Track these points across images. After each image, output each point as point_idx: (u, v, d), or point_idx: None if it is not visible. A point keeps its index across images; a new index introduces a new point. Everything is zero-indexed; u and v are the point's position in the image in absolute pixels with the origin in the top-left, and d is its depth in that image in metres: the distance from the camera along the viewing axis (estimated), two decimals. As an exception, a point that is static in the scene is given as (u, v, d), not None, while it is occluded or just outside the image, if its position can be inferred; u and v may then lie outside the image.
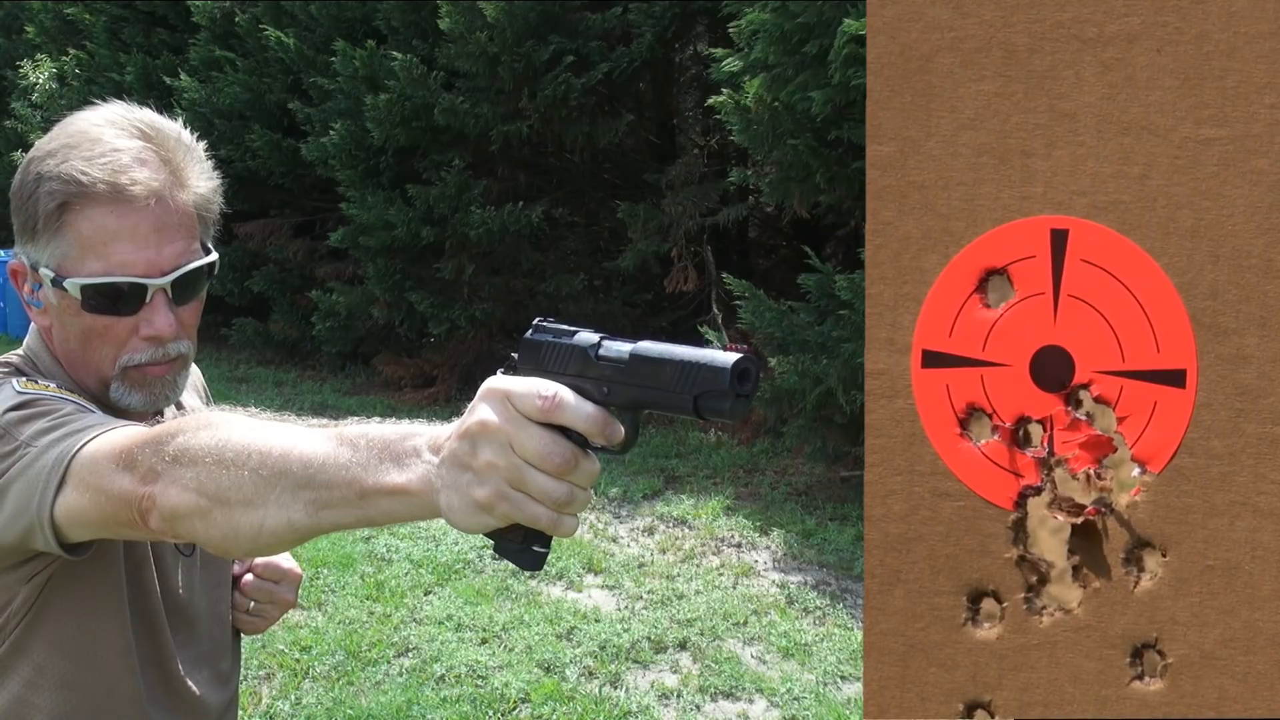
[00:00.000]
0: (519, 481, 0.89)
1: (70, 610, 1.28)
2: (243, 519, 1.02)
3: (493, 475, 0.89)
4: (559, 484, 0.90)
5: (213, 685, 1.44)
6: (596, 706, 4.09)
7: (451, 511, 0.92)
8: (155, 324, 1.28)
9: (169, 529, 1.08)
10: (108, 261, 1.26)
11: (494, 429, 0.90)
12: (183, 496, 1.04)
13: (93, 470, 1.12)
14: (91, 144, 1.27)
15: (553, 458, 0.89)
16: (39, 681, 1.28)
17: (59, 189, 1.25)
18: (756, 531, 5.92)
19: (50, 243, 1.27)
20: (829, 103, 5.65)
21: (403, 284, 8.83)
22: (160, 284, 1.28)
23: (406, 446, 0.96)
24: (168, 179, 1.29)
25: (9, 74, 13.10)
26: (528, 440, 0.89)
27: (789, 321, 6.13)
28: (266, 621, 1.58)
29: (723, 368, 0.87)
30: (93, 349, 1.30)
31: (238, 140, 9.61)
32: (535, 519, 0.91)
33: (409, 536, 5.73)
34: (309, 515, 0.99)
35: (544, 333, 1.00)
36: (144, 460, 1.08)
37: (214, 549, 1.09)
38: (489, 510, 0.90)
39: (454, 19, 8.10)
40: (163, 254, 1.28)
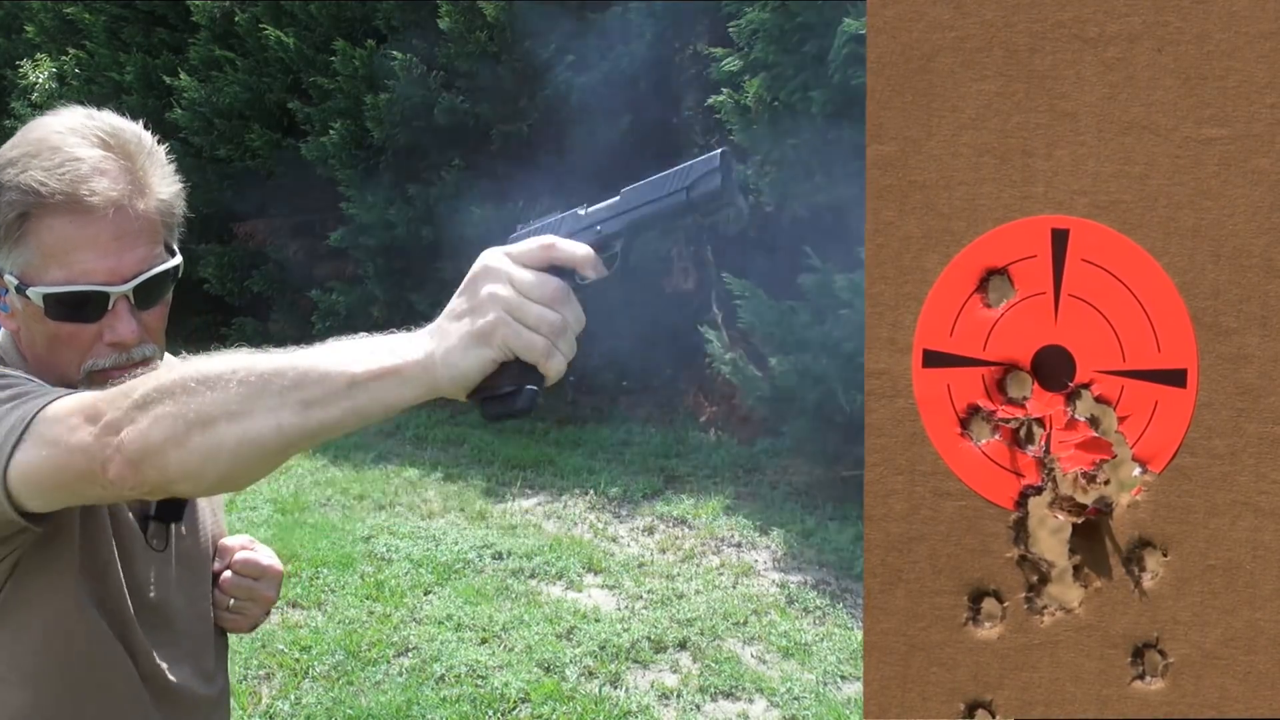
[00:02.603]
0: (518, 308, 0.97)
1: (35, 604, 1.28)
2: (226, 432, 1.02)
3: (493, 305, 0.97)
4: (554, 312, 0.98)
5: (196, 682, 1.44)
6: (596, 706, 4.09)
7: (449, 355, 0.97)
8: (118, 330, 1.29)
9: (132, 474, 1.07)
10: (70, 270, 1.27)
11: (494, 269, 0.99)
12: (155, 429, 1.04)
13: (53, 425, 1.12)
14: (51, 152, 1.27)
15: (546, 286, 0.98)
16: (9, 677, 1.28)
17: (18, 199, 1.26)
18: (756, 531, 5.92)
19: (13, 251, 1.28)
20: (829, 102, 5.64)
21: (402, 284, 8.83)
22: (122, 290, 1.29)
23: (399, 337, 1.02)
24: (127, 187, 1.29)
25: (9, 74, 13.09)
26: (524, 275, 0.98)
27: (789, 321, 6.13)
28: (249, 619, 1.57)
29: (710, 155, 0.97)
30: (58, 354, 1.31)
31: (237, 140, 9.61)
32: (532, 345, 0.97)
33: (409, 536, 5.73)
34: (298, 414, 1.00)
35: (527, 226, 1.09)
36: (108, 409, 1.08)
37: (187, 479, 1.07)
38: (488, 340, 0.97)
39: (454, 19, 8.09)
40: (124, 261, 1.28)
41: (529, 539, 5.76)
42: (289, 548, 5.45)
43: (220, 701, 1.51)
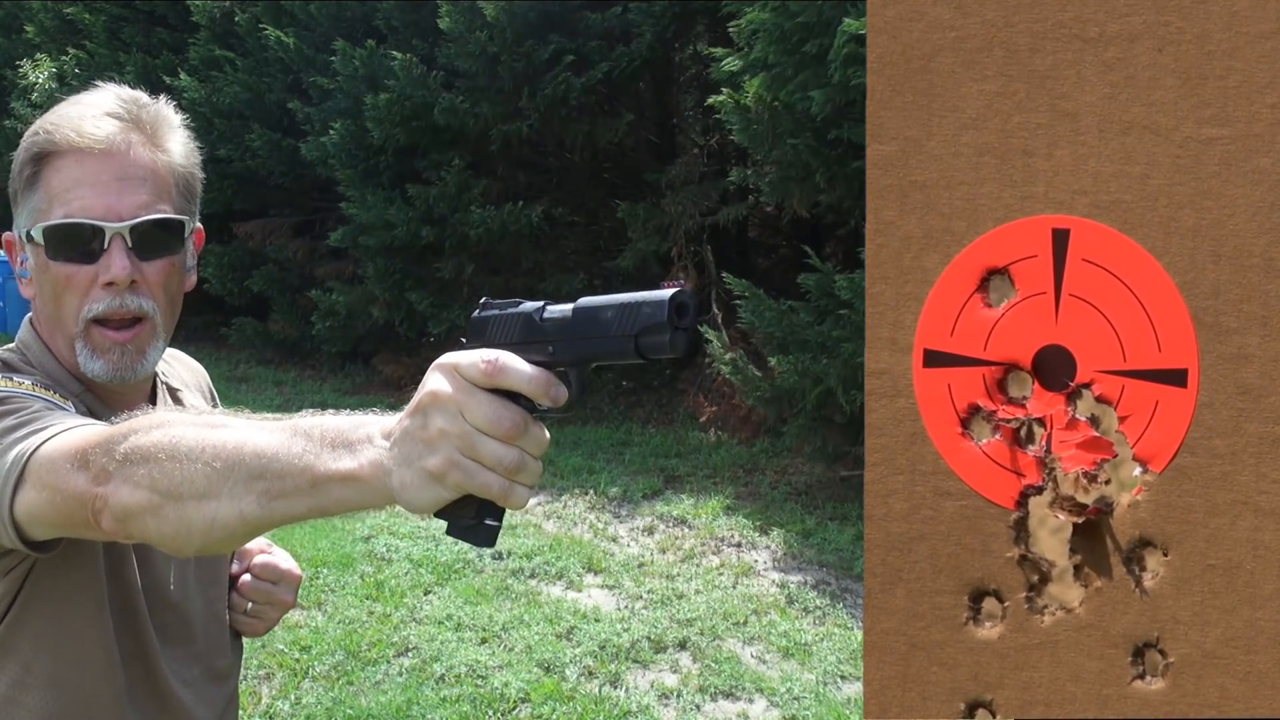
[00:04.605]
0: (470, 448, 0.90)
1: (51, 607, 1.28)
2: (195, 513, 1.02)
3: (444, 443, 0.90)
4: (509, 449, 0.90)
5: (207, 683, 1.44)
6: (596, 706, 4.09)
7: (404, 489, 0.92)
8: (112, 269, 1.30)
9: (120, 529, 1.08)
10: (69, 207, 1.30)
11: (444, 398, 0.91)
12: (134, 494, 1.05)
13: (49, 469, 1.13)
14: (68, 106, 1.35)
15: (502, 422, 0.90)
16: (27, 680, 1.28)
17: (30, 145, 1.32)
18: (756, 531, 5.92)
19: (26, 202, 1.33)
20: (829, 102, 5.65)
21: (402, 283, 8.83)
22: (117, 228, 1.30)
23: (359, 434, 0.97)
24: (135, 134, 1.33)
25: (9, 74, 13.09)
26: (477, 407, 0.90)
27: (789, 321, 6.13)
28: (265, 623, 1.57)
29: (660, 302, 0.89)
30: (61, 304, 1.32)
31: (237, 140, 9.61)
32: (487, 487, 0.91)
33: (409, 536, 5.73)
34: (261, 506, 0.99)
35: (490, 309, 1.01)
36: (96, 460, 1.08)
37: (166, 546, 1.09)
38: (441, 480, 0.91)
39: (454, 19, 8.10)
40: (123, 201, 1.31)
41: (529, 539, 5.76)
42: (289, 547, 5.43)
43: (232, 702, 1.51)
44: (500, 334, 0.99)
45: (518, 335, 0.97)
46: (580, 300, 0.95)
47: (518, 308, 0.99)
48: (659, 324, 0.88)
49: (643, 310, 0.89)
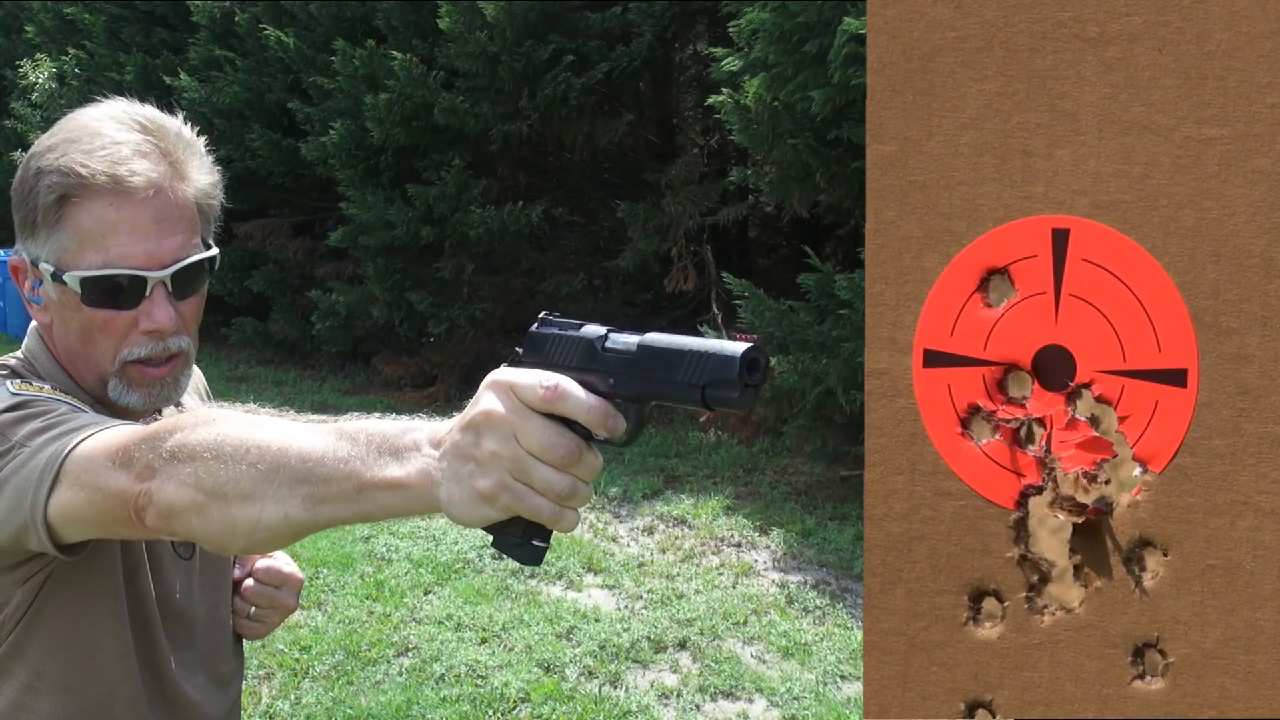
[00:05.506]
0: (522, 472, 0.89)
1: (67, 614, 1.27)
2: (239, 514, 1.01)
3: (496, 465, 0.89)
4: (562, 476, 0.89)
5: (212, 688, 1.44)
6: (596, 706, 4.09)
7: (452, 504, 0.91)
8: (156, 317, 1.27)
9: (165, 526, 1.07)
10: (107, 254, 1.25)
11: (498, 419, 0.89)
12: (180, 492, 1.04)
13: (87, 468, 1.11)
14: (91, 137, 1.27)
15: (557, 449, 0.89)
16: (37, 685, 1.27)
17: (58, 182, 1.25)
18: (756, 531, 5.92)
19: (50, 237, 1.26)
20: (829, 102, 5.64)
21: (402, 283, 8.83)
22: (160, 276, 1.27)
23: (406, 441, 0.95)
24: (167, 171, 1.28)
25: (9, 74, 13.10)
26: (532, 431, 0.89)
27: (789, 321, 6.13)
28: (267, 627, 1.57)
29: (732, 357, 0.87)
30: (93, 344, 1.29)
31: (237, 140, 9.61)
32: (537, 511, 0.90)
33: (409, 536, 5.72)
34: (306, 510, 0.98)
35: (550, 326, 0.99)
36: (140, 457, 1.07)
37: (210, 545, 1.08)
38: (491, 501, 0.90)
39: (454, 19, 8.09)
40: (162, 246, 1.27)
41: (529, 539, 5.75)
42: (288, 547, 5.45)
43: (235, 707, 1.51)
44: (560, 355, 0.97)
45: (578, 360, 0.95)
46: (647, 336, 0.92)
47: (579, 330, 0.96)
48: (729, 380, 0.87)
49: (712, 363, 0.88)
